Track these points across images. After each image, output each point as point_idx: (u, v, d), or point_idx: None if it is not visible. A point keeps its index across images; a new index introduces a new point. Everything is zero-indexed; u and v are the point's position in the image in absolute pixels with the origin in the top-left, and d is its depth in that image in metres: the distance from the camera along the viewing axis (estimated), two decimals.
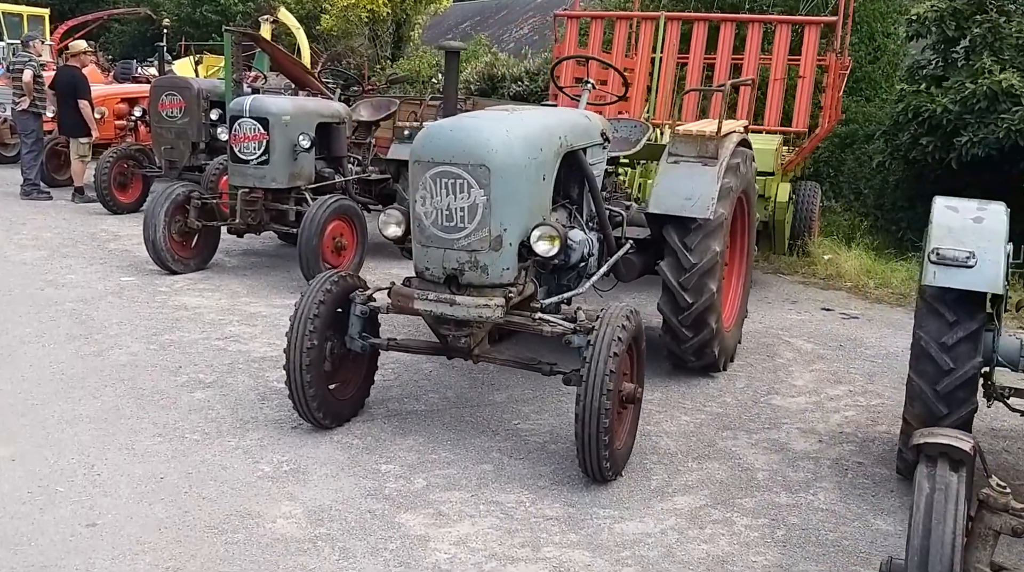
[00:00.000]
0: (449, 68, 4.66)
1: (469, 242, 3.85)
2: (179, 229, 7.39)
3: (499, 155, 3.80)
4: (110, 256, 8.04)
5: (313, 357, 4.08)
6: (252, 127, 7.10)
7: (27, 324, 5.85)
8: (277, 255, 8.49)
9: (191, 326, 5.98)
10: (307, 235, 6.77)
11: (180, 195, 7.33)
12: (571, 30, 8.18)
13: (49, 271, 7.36)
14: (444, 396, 4.86)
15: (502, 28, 34.78)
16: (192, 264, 7.55)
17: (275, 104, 7.20)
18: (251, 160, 7.15)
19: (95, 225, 9.52)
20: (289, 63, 8.64)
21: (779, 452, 4.27)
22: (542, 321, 3.97)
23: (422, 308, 3.93)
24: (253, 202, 7.24)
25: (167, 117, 9.90)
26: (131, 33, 44.13)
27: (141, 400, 4.63)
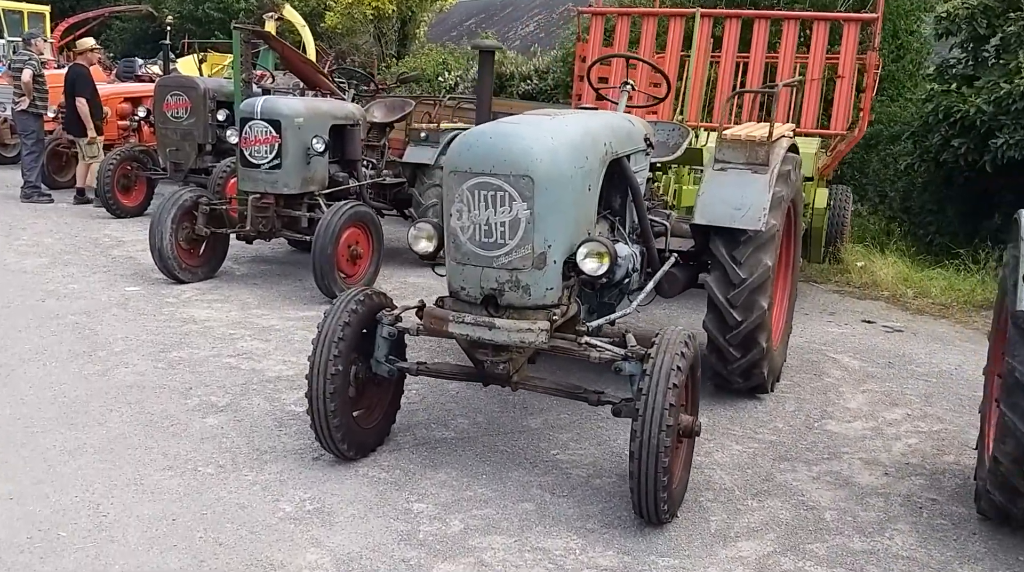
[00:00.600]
0: (483, 68, 4.31)
1: (510, 260, 3.50)
2: (186, 236, 7.05)
3: (543, 165, 3.45)
4: (114, 264, 7.70)
5: (338, 384, 3.74)
6: (263, 130, 6.76)
7: (27, 340, 5.51)
8: (288, 262, 8.15)
9: (200, 341, 5.64)
10: (321, 243, 6.43)
11: (187, 201, 6.99)
12: (596, 27, 7.83)
13: (50, 280, 7.02)
14: (474, 421, 4.52)
15: (507, 25, 34.39)
16: (200, 273, 7.20)
17: (287, 105, 6.85)
18: (262, 164, 6.80)
19: (98, 230, 9.18)
20: (299, 62, 8.30)
21: (844, 487, 3.92)
22: (589, 346, 3.62)
23: (458, 332, 3.58)
24: (264, 208, 6.90)
25: (172, 118, 9.56)
26: (132, 31, 43.76)
27: (149, 427, 4.29)
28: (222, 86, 9.92)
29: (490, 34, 27.97)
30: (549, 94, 19.11)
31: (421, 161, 7.82)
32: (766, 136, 4.63)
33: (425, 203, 7.79)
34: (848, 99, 6.91)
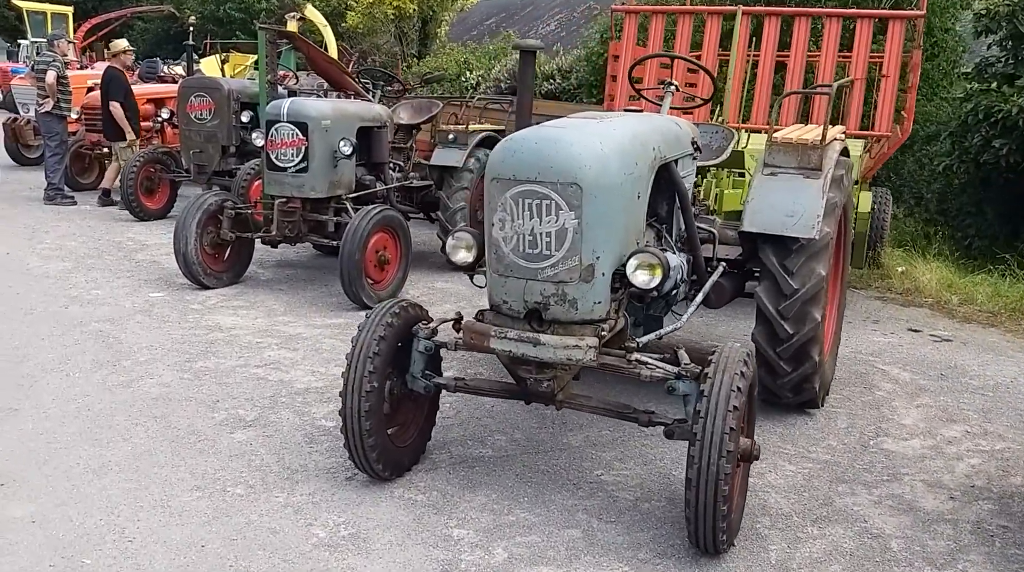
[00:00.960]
0: (525, 69, 4.10)
1: (556, 272, 3.30)
2: (211, 241, 6.90)
3: (592, 172, 3.25)
4: (137, 268, 7.57)
5: (373, 401, 3.56)
6: (290, 132, 6.60)
7: (50, 348, 5.38)
8: (313, 267, 7.99)
9: (227, 350, 5.48)
10: (349, 249, 6.26)
11: (212, 205, 6.84)
12: (630, 26, 7.61)
13: (73, 286, 6.90)
14: (512, 438, 4.32)
15: (528, 24, 34.12)
16: (225, 278, 7.06)
17: (315, 108, 6.69)
18: (289, 168, 6.64)
19: (121, 233, 9.07)
20: (325, 62, 8.15)
21: (908, 512, 3.70)
22: (639, 363, 3.42)
23: (500, 348, 3.39)
24: (291, 213, 6.74)
25: (196, 119, 9.44)
26: (154, 31, 44.06)
27: (176, 443, 4.13)
28: (246, 87, 9.80)
29: (512, 33, 27.78)
30: (572, 93, 18.90)
31: (449, 163, 7.64)
32: (818, 139, 4.41)
33: (453, 206, 7.61)
34: (892, 99, 6.65)
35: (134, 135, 10.26)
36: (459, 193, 7.64)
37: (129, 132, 10.21)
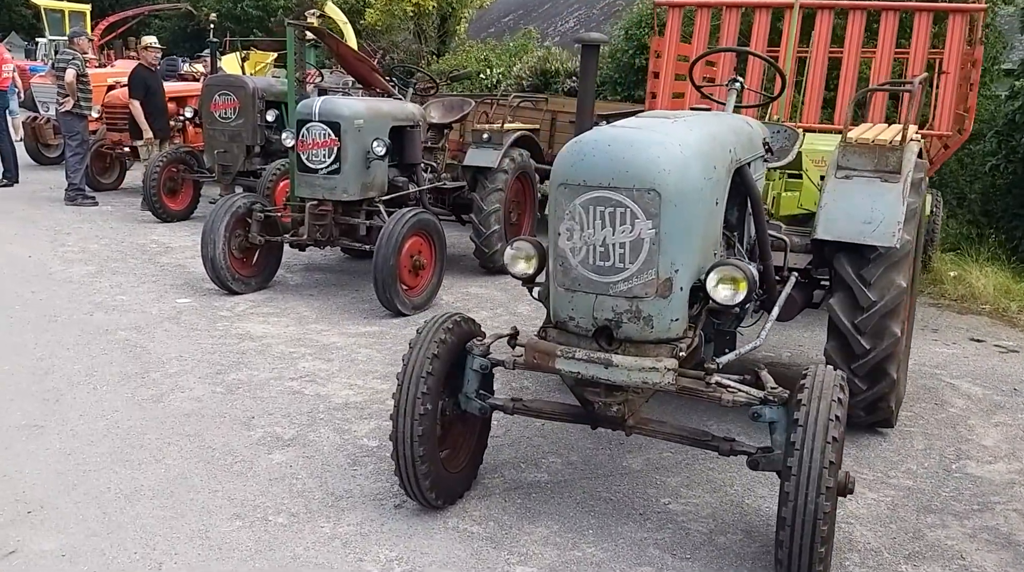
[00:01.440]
0: (587, 65, 3.82)
1: (630, 286, 3.02)
2: (239, 245, 6.66)
3: (672, 177, 2.96)
4: (163, 272, 7.34)
5: (427, 425, 3.29)
6: (322, 132, 6.34)
7: (75, 359, 5.15)
8: (342, 270, 7.74)
9: (259, 361, 5.23)
10: (383, 254, 5.99)
11: (241, 207, 6.60)
12: (674, 20, 7.29)
13: (98, 291, 6.68)
14: (568, 460, 4.05)
15: (547, 21, 33.92)
16: (253, 283, 6.82)
17: (347, 107, 6.43)
18: (320, 169, 6.39)
19: (144, 235, 8.86)
20: (354, 59, 7.89)
21: (1008, 547, 3.39)
22: (719, 387, 3.13)
23: (567, 369, 3.11)
24: (322, 216, 6.49)
25: (220, 118, 9.21)
26: (171, 29, 44.06)
27: (211, 464, 3.88)
28: (271, 85, 9.56)
29: (532, 30, 27.48)
30: (596, 91, 18.57)
31: (483, 164, 7.36)
32: (897, 139, 4.10)
33: (487, 209, 7.33)
34: (953, 97, 6.32)
35: (150, 134, 10.04)
36: (493, 195, 7.36)
37: (146, 130, 10.01)
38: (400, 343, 5.63)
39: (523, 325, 6.12)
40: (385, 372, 5.13)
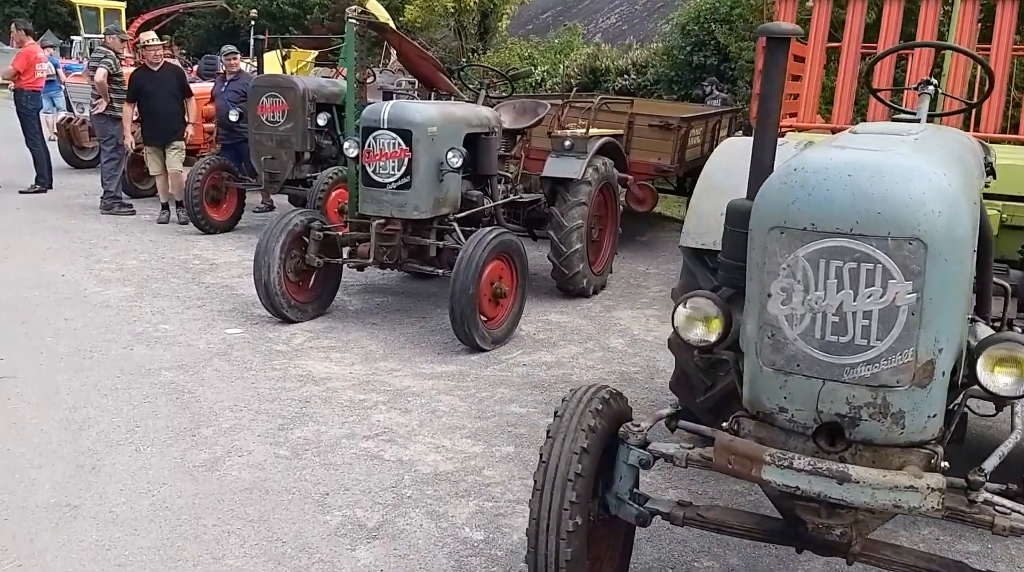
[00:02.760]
0: (773, 63, 2.96)
1: (876, 371, 2.19)
2: (295, 266, 5.91)
3: (943, 220, 2.12)
4: (208, 295, 6.60)
5: (576, 547, 2.48)
6: (391, 142, 5.56)
7: (115, 410, 4.40)
8: (404, 292, 6.95)
9: (326, 412, 4.45)
10: (461, 282, 5.20)
11: (298, 225, 5.84)
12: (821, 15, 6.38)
13: (137, 318, 5.95)
14: (727, 565, 3.21)
15: (587, 18, 32.99)
16: (310, 309, 6.06)
17: (420, 112, 5.64)
18: (388, 183, 5.61)
19: (186, 249, 8.14)
20: (417, 57, 7.10)
21: None
22: (989, 507, 2.28)
23: (781, 481, 2.27)
24: (390, 236, 5.71)
25: (268, 122, 8.48)
26: (206, 27, 43.79)
27: (283, 564, 3.10)
28: (322, 86, 8.84)
29: (577, 26, 26.63)
30: (649, 90, 17.70)
31: (566, 175, 6.54)
32: None
33: (568, 225, 6.50)
34: None
35: (128, 140, 9.22)
36: (576, 209, 6.54)
37: (125, 136, 9.19)
38: (484, 388, 4.84)
39: (621, 365, 5.35)
40: (474, 428, 4.33)
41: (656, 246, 9.03)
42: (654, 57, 18.76)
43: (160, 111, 8.94)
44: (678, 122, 8.35)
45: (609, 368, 5.27)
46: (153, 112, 8.95)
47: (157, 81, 8.93)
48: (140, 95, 8.92)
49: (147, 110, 8.97)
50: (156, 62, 9.02)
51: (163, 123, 8.98)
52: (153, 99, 8.91)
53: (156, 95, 8.90)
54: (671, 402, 3.40)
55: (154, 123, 8.98)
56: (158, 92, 8.89)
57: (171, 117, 9.02)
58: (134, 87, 8.97)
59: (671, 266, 8.10)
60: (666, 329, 6.03)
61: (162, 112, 8.94)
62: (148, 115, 8.98)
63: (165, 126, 9.00)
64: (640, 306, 6.71)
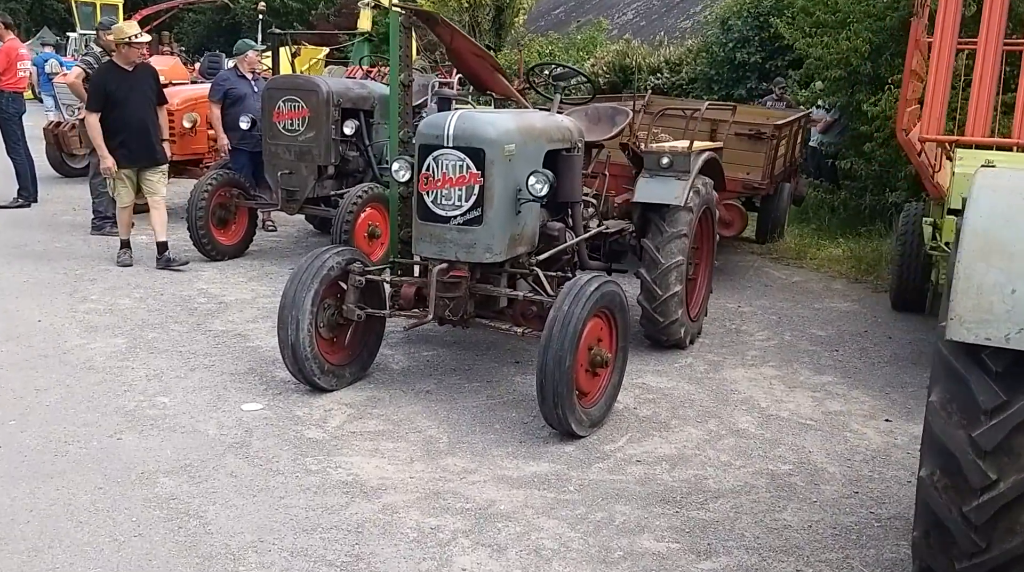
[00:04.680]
0: None
1: None
2: (329, 320, 4.64)
3: None
4: (218, 349, 5.32)
5: None
6: (458, 164, 4.27)
7: (94, 551, 3.12)
8: (458, 342, 5.66)
9: (386, 552, 3.18)
10: (556, 352, 3.93)
11: (333, 269, 4.57)
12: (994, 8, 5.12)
13: (129, 386, 4.67)
14: None
15: (602, 13, 31.64)
16: (347, 373, 4.79)
17: (494, 126, 4.34)
18: (454, 217, 4.33)
19: (189, 282, 6.86)
20: (473, 55, 5.81)
21: None
22: None
23: None
24: (454, 285, 4.42)
25: (285, 131, 7.21)
26: (205, 23, 42.51)
27: None
28: (348, 89, 7.55)
29: (603, 21, 25.36)
30: (684, 89, 16.40)
31: (665, 201, 5.26)
32: None
33: (665, 262, 5.23)
34: None
35: (107, 161, 6.86)
36: (674, 243, 5.27)
37: (104, 157, 6.87)
38: (595, 502, 3.57)
39: (764, 460, 3.88)
40: None
41: (734, 274, 7.75)
42: (688, 54, 17.49)
43: (135, 123, 6.88)
44: (771, 130, 7.07)
45: (751, 466, 3.99)
46: (127, 125, 6.86)
47: (131, 85, 6.88)
48: (108, 103, 6.83)
49: (119, 122, 6.86)
50: (132, 61, 6.94)
51: (141, 139, 6.94)
52: (126, 108, 6.85)
53: (130, 103, 6.86)
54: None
55: (130, 139, 6.89)
56: (132, 99, 6.87)
57: (150, 131, 7.00)
58: (101, 92, 6.83)
59: (765, 302, 6.84)
60: (800, 399, 4.76)
61: (138, 125, 6.90)
62: (120, 129, 6.87)
63: (143, 143, 6.96)
64: (752, 362, 5.44)
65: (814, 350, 5.72)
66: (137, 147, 6.95)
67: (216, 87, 8.16)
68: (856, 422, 4.55)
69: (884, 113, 9.19)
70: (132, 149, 6.94)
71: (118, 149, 6.90)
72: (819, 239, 9.19)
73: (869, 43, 9.82)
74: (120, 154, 6.91)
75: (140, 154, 6.99)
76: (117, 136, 6.89)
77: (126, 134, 6.89)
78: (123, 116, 6.88)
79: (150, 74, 7.16)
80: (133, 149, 6.94)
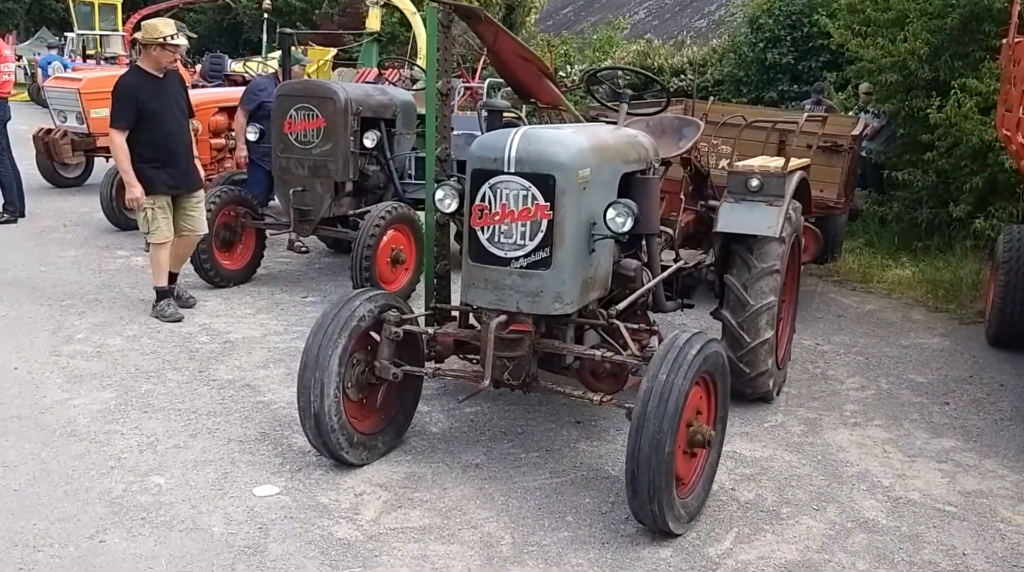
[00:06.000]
0: None
1: None
2: (358, 378, 3.82)
3: None
4: (223, 406, 4.49)
5: None
6: (522, 194, 3.45)
7: None
8: (504, 395, 4.82)
9: None
10: (653, 436, 3.13)
11: (365, 318, 3.75)
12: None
13: (117, 461, 3.85)
14: None
15: (612, 13, 30.84)
16: (380, 443, 3.97)
17: (565, 146, 3.50)
18: (515, 258, 3.50)
19: (189, 315, 6.01)
20: (518, 57, 4.97)
21: None
22: None
23: None
24: (517, 342, 3.59)
25: (298, 143, 6.38)
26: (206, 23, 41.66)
27: None
28: (368, 96, 6.72)
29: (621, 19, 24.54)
30: (709, 91, 15.57)
31: (756, 231, 4.43)
32: None
33: (754, 303, 4.41)
34: None
35: (137, 191, 5.58)
36: (765, 281, 4.44)
37: (133, 185, 5.58)
38: None
39: (910, 566, 3.24)
40: None
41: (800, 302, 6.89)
42: (712, 54, 16.67)
43: (172, 141, 5.72)
44: (849, 142, 6.24)
45: None
46: (163, 143, 5.67)
47: (164, 95, 5.73)
48: (143, 117, 5.59)
49: (153, 140, 5.64)
50: (163, 67, 5.73)
51: (179, 160, 5.76)
52: (161, 122, 5.67)
53: (164, 116, 5.69)
54: None
55: (167, 160, 5.71)
56: (166, 112, 5.71)
57: (188, 150, 5.90)
58: (131, 103, 5.53)
59: (845, 338, 6.01)
60: (926, 473, 3.93)
61: (175, 143, 5.74)
62: (155, 149, 5.66)
63: (181, 164, 5.78)
64: (853, 420, 4.60)
65: (920, 403, 4.89)
66: (176, 170, 5.75)
67: (250, 95, 7.34)
68: (1004, 507, 3.72)
69: (949, 120, 8.41)
70: (171, 173, 5.72)
71: (153, 173, 5.63)
72: (881, 258, 8.37)
73: (927, 44, 9.01)
74: (156, 179, 5.65)
75: (179, 178, 5.78)
76: (151, 157, 5.62)
77: (162, 154, 5.66)
78: (158, 132, 5.64)
79: (179, 82, 5.99)
80: (172, 173, 5.73)
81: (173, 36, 5.66)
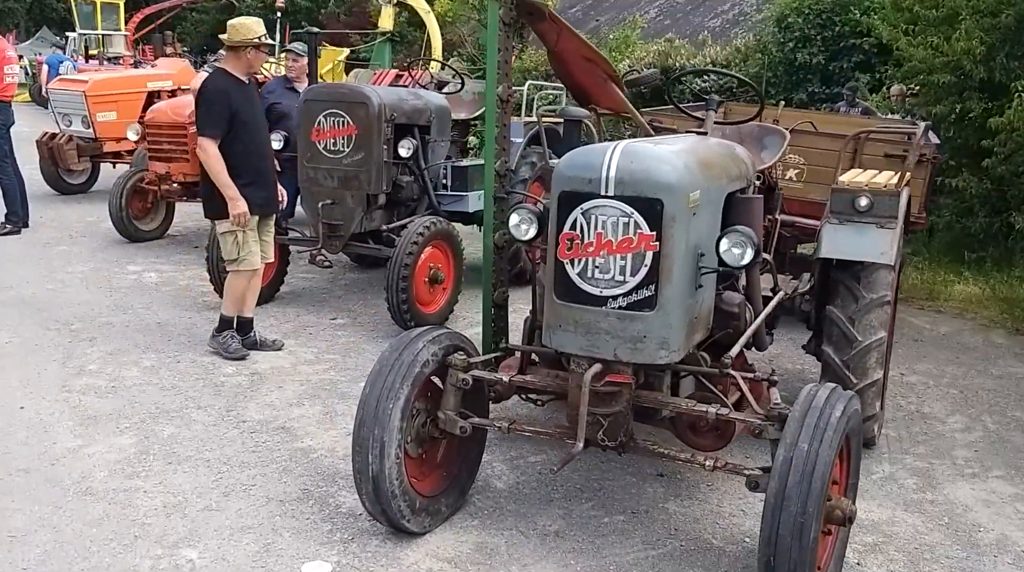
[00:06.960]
0: None
1: None
2: (419, 431, 3.28)
3: None
4: (258, 456, 3.95)
5: None
6: (622, 222, 2.90)
7: None
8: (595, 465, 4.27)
9: None
10: (795, 517, 2.64)
11: (428, 364, 3.21)
12: None
13: (141, 526, 3.32)
14: None
15: (622, 12, 30.27)
16: (443, 505, 3.43)
17: (673, 166, 2.94)
18: (614, 297, 2.95)
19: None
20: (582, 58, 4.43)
21: None
22: None
23: None
24: (614, 397, 3.04)
25: (327, 152, 5.85)
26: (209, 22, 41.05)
27: None
28: (402, 100, 6.18)
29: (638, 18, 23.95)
30: (733, 93, 15.02)
31: (866, 257, 3.89)
32: None
33: (863, 340, 3.86)
34: None
35: (239, 209, 4.88)
36: (875, 313, 3.90)
37: (233, 204, 4.87)
38: None
39: None
40: None
41: None
42: (736, 54, 16.14)
43: (263, 154, 5.17)
44: (932, 152, 5.69)
45: None
46: (255, 157, 5.05)
47: (252, 103, 5.12)
48: (233, 126, 4.91)
49: (245, 153, 4.98)
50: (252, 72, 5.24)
51: (269, 176, 5.19)
52: (253, 132, 5.06)
53: (255, 126, 5.08)
54: None
55: (259, 176, 5.07)
56: (256, 123, 5.10)
57: (273, 166, 5.33)
58: (225, 110, 4.87)
59: (929, 367, 5.49)
60: None
61: (266, 156, 5.22)
62: (248, 162, 4.99)
63: (272, 181, 5.22)
64: (971, 471, 4.07)
65: None
66: (264, 189, 5.10)
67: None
68: None
69: (1011, 124, 7.88)
70: (260, 191, 5.05)
71: (243, 190, 4.92)
72: (944, 274, 7.83)
73: (982, 43, 8.49)
74: (251, 196, 4.95)
75: (268, 199, 5.14)
76: (241, 173, 4.93)
77: (252, 170, 5.00)
78: (250, 144, 5.00)
79: (256, 89, 5.43)
80: (261, 191, 5.06)
81: (266, 36, 5.07)
